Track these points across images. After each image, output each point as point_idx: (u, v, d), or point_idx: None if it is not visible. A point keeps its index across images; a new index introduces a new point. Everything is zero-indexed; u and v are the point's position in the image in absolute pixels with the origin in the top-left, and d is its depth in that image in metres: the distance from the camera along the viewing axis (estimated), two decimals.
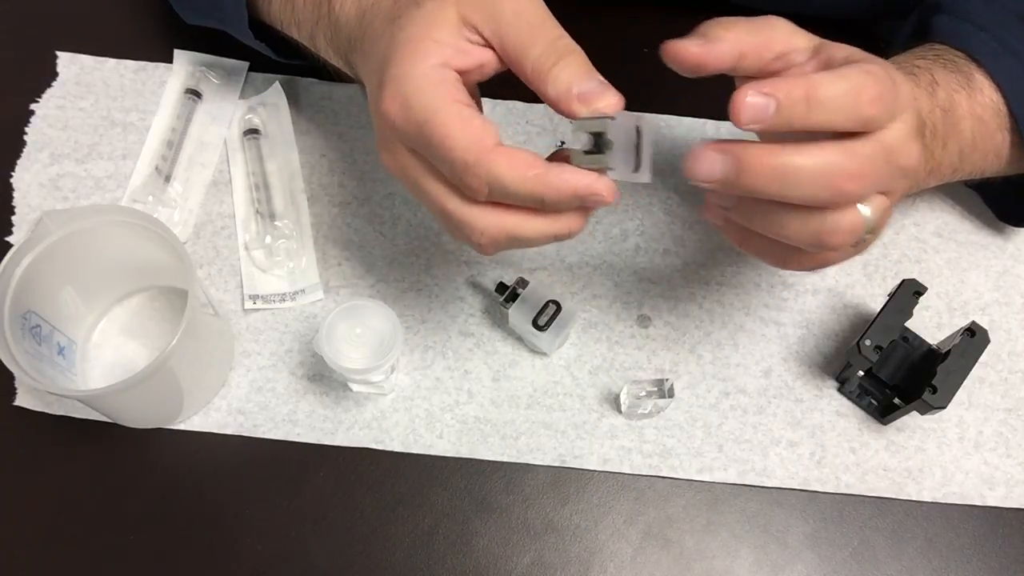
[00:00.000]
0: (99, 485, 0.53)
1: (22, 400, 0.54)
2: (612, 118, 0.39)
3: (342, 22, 0.46)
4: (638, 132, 0.40)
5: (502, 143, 0.39)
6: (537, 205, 0.39)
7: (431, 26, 0.40)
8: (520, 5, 0.40)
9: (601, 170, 0.39)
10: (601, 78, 0.40)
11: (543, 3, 0.41)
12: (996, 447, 0.55)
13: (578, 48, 0.40)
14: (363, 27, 0.44)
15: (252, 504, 0.52)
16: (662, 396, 0.51)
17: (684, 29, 0.70)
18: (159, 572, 0.51)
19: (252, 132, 0.61)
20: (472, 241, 0.41)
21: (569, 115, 0.40)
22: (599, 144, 0.39)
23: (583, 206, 0.40)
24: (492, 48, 0.41)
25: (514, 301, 0.54)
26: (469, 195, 0.39)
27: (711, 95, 0.66)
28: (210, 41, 0.61)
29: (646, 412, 0.54)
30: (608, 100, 0.39)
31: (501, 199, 0.39)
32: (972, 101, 0.48)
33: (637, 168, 0.40)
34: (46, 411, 0.54)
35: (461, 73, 0.41)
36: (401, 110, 0.39)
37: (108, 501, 0.52)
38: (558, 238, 0.41)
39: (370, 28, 0.44)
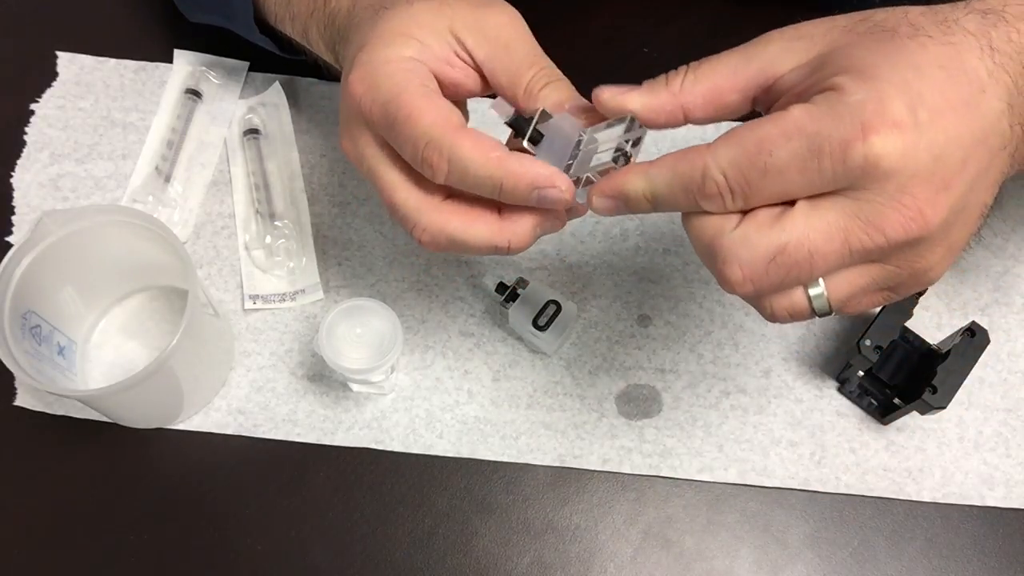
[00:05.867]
0: (99, 485, 0.53)
1: (22, 400, 0.54)
2: (550, 116, 0.39)
3: (335, 14, 0.46)
4: (581, 146, 0.40)
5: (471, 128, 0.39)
6: (493, 192, 0.38)
7: (417, 26, 0.40)
8: (516, 33, 0.41)
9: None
10: (591, 104, 0.40)
11: (533, 37, 0.42)
12: (996, 447, 0.55)
13: (566, 78, 0.41)
14: (351, 16, 0.45)
15: (252, 504, 0.52)
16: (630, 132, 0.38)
17: (683, 28, 0.70)
18: (159, 572, 0.51)
19: (252, 132, 0.61)
20: (414, 236, 0.41)
21: None
22: (521, 127, 0.39)
23: (533, 212, 0.40)
24: (476, 70, 0.41)
25: (514, 301, 0.54)
26: (427, 176, 0.39)
27: None
28: (210, 41, 0.61)
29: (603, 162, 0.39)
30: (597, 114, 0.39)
31: (459, 181, 0.38)
32: None
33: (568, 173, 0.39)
34: (46, 411, 0.54)
35: (439, 82, 0.41)
36: (368, 90, 0.39)
37: (108, 501, 0.52)
38: (498, 250, 0.40)
39: (356, 17, 0.44)
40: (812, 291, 0.34)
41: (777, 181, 0.32)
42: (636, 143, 0.38)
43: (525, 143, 0.39)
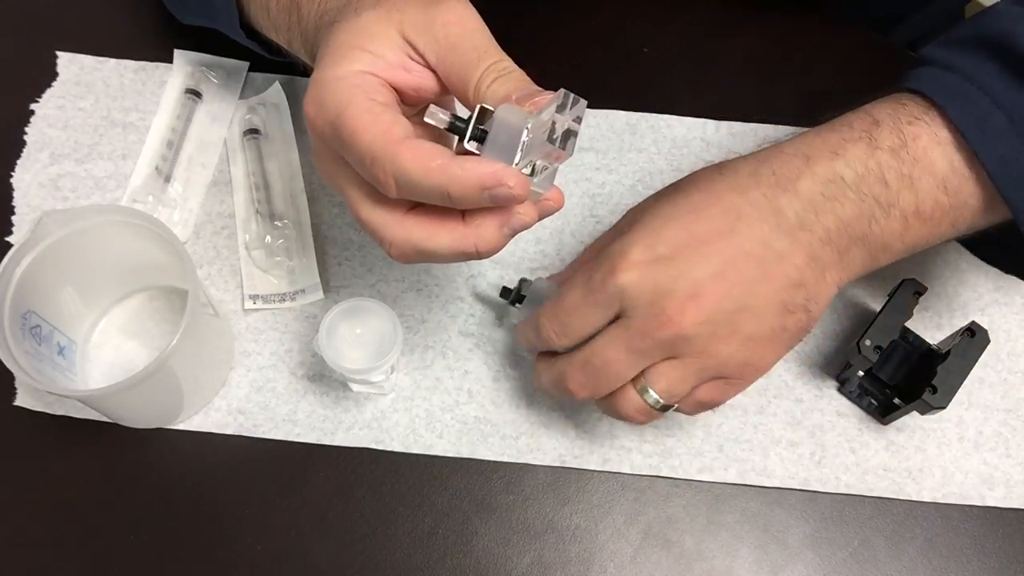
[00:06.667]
0: (99, 485, 0.53)
1: (22, 400, 0.54)
2: (492, 111, 0.38)
3: (307, 29, 0.46)
4: (527, 134, 0.38)
5: (413, 137, 0.38)
6: (445, 201, 0.38)
7: (367, 37, 0.40)
8: (465, 31, 0.40)
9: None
10: (540, 89, 0.39)
11: (487, 30, 0.41)
12: (996, 447, 0.55)
13: (519, 69, 0.40)
14: (317, 33, 0.45)
15: (252, 504, 0.52)
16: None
17: (683, 28, 0.70)
18: (159, 572, 0.51)
19: (252, 132, 0.61)
20: (384, 250, 0.41)
21: None
22: (459, 128, 0.39)
23: (497, 212, 0.39)
24: (433, 71, 0.41)
25: (522, 302, 0.53)
26: (381, 191, 0.39)
27: (711, 95, 0.66)
28: (210, 41, 0.61)
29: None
30: (547, 96, 0.38)
31: (410, 195, 0.38)
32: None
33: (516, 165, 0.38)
34: (46, 411, 0.54)
35: (397, 91, 0.40)
36: (318, 110, 0.39)
37: (108, 501, 0.52)
38: (467, 255, 0.40)
39: (320, 34, 0.44)
40: (640, 389, 0.44)
41: (578, 317, 0.44)
42: (579, 119, 0.37)
43: (466, 145, 0.38)
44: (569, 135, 0.37)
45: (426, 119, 0.39)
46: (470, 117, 0.39)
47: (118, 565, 0.51)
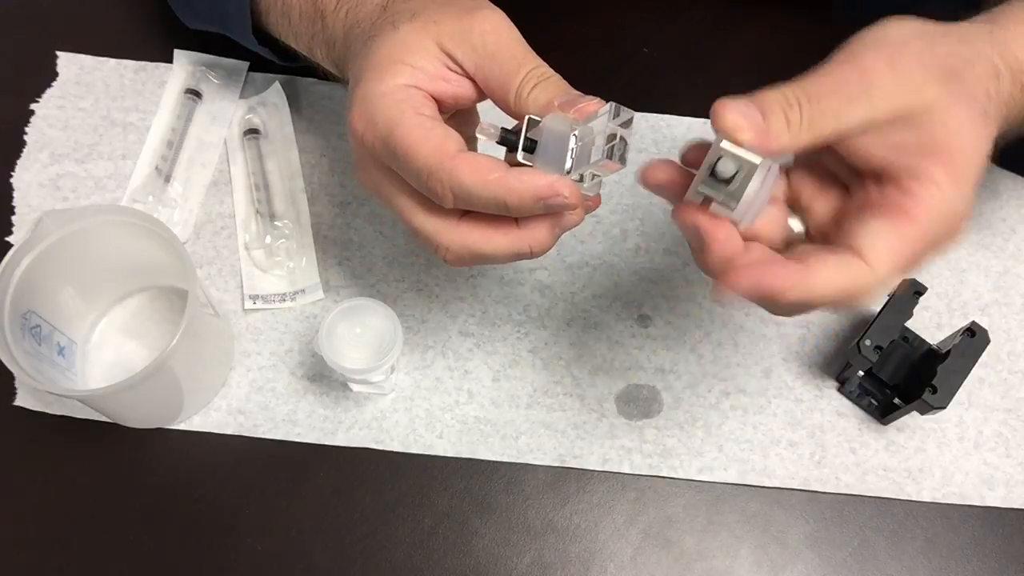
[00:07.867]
0: (99, 485, 0.53)
1: (22, 400, 0.54)
2: (539, 120, 0.39)
3: (334, 39, 0.47)
4: (576, 141, 0.39)
5: (466, 150, 0.39)
6: (501, 210, 0.39)
7: (406, 50, 0.41)
8: (501, 39, 0.41)
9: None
10: (580, 94, 0.40)
11: (521, 37, 0.42)
12: (996, 447, 0.55)
13: (557, 74, 0.41)
14: (347, 44, 0.45)
15: (252, 504, 0.52)
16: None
17: (684, 27, 0.69)
18: (159, 572, 0.51)
19: (252, 132, 0.61)
20: (439, 256, 0.42)
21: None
22: (511, 140, 0.39)
23: (549, 215, 0.40)
24: (471, 79, 0.41)
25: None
26: (437, 203, 0.40)
27: (711, 95, 0.66)
28: (210, 41, 0.61)
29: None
30: (591, 102, 0.39)
31: (467, 206, 0.39)
32: None
33: (570, 173, 0.39)
34: (46, 411, 0.54)
35: (437, 100, 0.41)
36: (368, 126, 0.40)
37: (108, 501, 0.52)
38: (521, 256, 0.41)
39: (352, 46, 0.44)
40: None
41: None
42: (627, 124, 0.38)
43: (519, 156, 0.39)
44: (620, 146, 0.38)
45: (477, 134, 0.40)
46: (517, 128, 0.40)
47: (118, 565, 0.51)
